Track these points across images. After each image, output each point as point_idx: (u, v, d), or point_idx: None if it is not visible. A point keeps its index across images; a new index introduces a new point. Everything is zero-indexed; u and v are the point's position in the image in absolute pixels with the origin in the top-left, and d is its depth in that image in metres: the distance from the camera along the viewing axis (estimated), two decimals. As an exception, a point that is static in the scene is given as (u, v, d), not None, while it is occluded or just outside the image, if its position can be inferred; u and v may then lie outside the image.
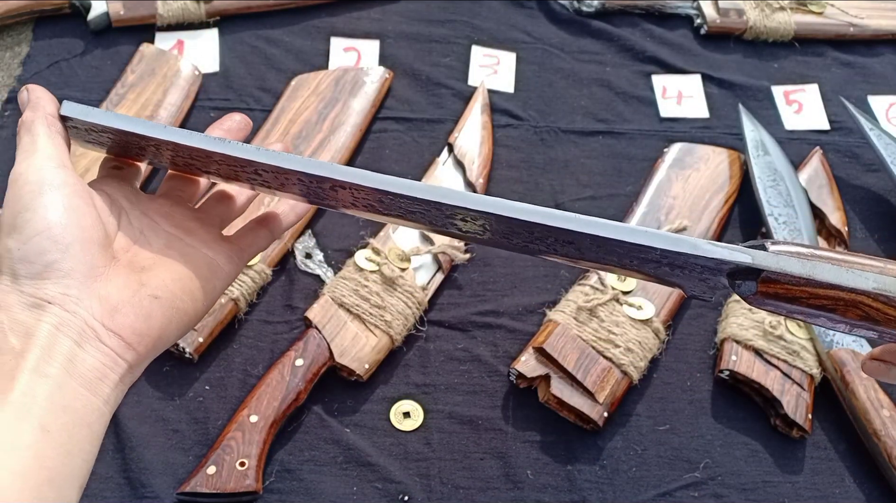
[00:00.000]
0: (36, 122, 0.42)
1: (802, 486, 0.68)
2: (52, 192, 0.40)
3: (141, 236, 0.45)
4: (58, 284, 0.39)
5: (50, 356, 0.38)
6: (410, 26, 0.98)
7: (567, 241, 0.42)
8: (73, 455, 0.37)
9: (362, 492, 0.64)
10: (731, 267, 0.41)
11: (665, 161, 0.85)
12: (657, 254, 0.41)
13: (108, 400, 0.40)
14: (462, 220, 0.42)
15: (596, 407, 0.67)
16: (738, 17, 1.01)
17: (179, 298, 0.43)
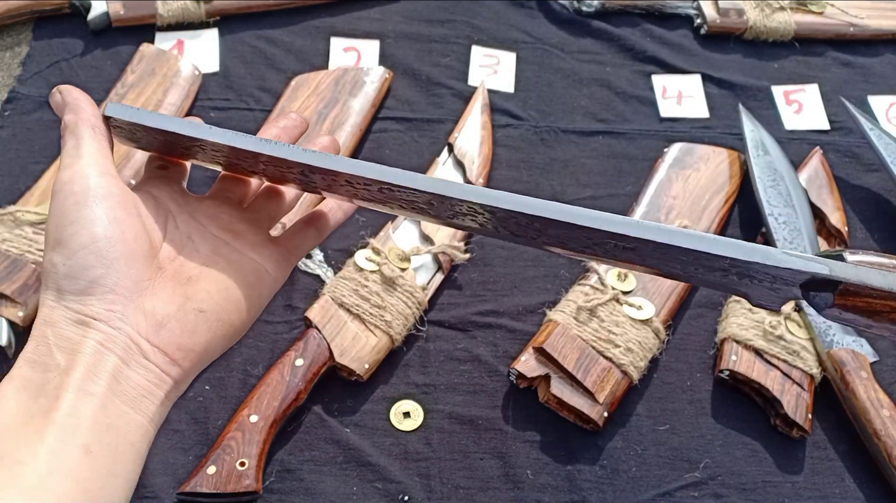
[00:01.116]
0: (80, 125, 0.41)
1: (802, 486, 0.68)
2: (96, 204, 0.39)
3: (188, 242, 0.44)
4: (102, 300, 0.38)
5: (95, 374, 0.37)
6: (410, 26, 0.98)
7: (628, 248, 0.40)
8: (117, 475, 0.37)
9: (362, 492, 0.64)
10: (805, 278, 0.38)
11: (665, 161, 0.85)
12: (726, 264, 0.38)
13: (153, 418, 0.39)
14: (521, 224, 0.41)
15: (596, 407, 0.67)
16: (738, 16, 1.01)
17: (225, 310, 0.43)
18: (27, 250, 0.69)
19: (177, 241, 0.44)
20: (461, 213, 0.42)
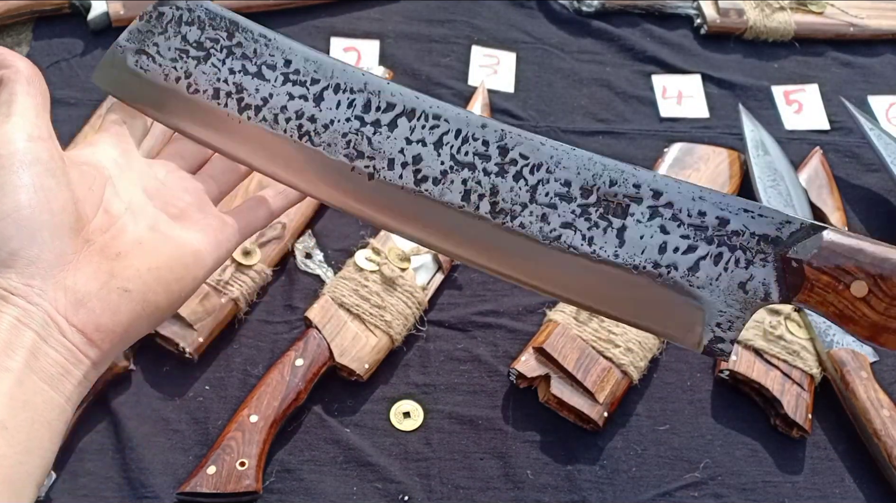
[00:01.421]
0: (14, 81, 0.40)
1: (802, 486, 0.68)
2: (23, 170, 0.37)
3: (125, 213, 0.42)
4: (22, 274, 0.37)
5: (12, 350, 0.36)
6: (410, 26, 0.98)
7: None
8: (32, 452, 0.36)
9: (362, 492, 0.64)
10: (795, 227, 0.39)
11: (665, 161, 0.85)
12: (715, 220, 0.39)
13: (70, 397, 0.38)
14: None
15: (596, 407, 0.67)
16: (738, 16, 1.01)
17: (153, 290, 0.41)
18: (27, 250, 0.69)
19: (112, 211, 0.41)
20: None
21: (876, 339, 0.38)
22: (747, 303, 0.39)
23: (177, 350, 0.67)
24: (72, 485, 0.62)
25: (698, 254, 0.40)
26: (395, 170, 0.44)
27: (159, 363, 0.69)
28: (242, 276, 0.71)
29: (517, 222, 0.42)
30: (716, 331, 0.40)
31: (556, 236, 0.42)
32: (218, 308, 0.69)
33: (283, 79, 0.46)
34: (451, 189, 0.43)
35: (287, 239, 0.75)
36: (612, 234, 0.41)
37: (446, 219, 0.44)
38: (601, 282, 0.42)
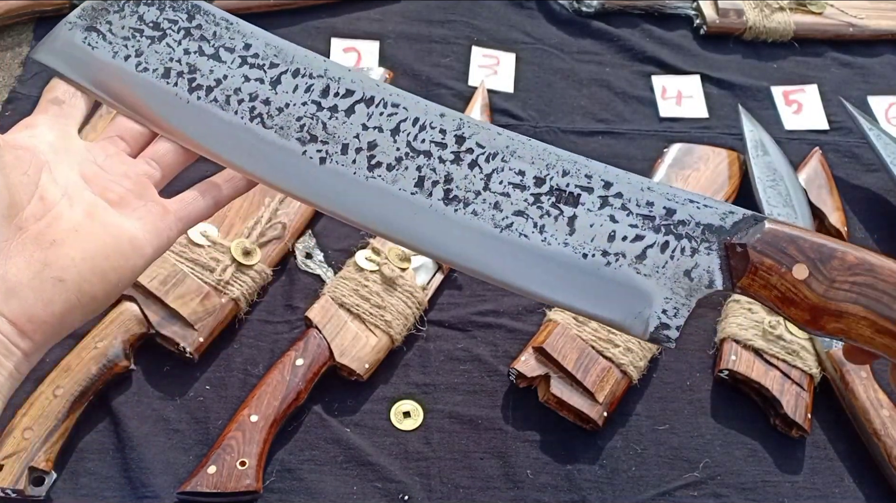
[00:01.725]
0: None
1: (802, 486, 0.68)
2: None
3: (62, 200, 0.41)
4: None
5: None
6: (410, 27, 0.98)
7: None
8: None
9: (362, 492, 0.64)
10: (738, 217, 0.40)
11: (665, 161, 0.85)
12: (662, 211, 0.40)
13: (0, 389, 0.37)
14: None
15: (595, 406, 0.67)
16: (738, 17, 1.01)
17: (88, 281, 0.40)
18: (28, 250, 0.69)
19: (48, 197, 0.40)
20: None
21: (816, 323, 0.39)
22: (692, 290, 0.41)
23: (177, 350, 0.67)
24: (72, 484, 0.62)
25: (646, 243, 0.41)
26: (349, 155, 0.44)
27: (160, 363, 0.69)
28: (243, 276, 0.71)
29: (470, 209, 0.43)
30: (662, 317, 0.41)
31: (509, 224, 0.42)
32: (218, 308, 0.69)
33: (241, 61, 0.46)
34: (405, 175, 0.43)
35: (287, 239, 0.75)
36: (563, 222, 0.42)
37: (397, 206, 0.44)
38: (551, 270, 0.42)
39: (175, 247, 0.70)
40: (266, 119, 0.45)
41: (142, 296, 0.67)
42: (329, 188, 0.44)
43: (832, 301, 0.38)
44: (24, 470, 0.59)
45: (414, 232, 0.44)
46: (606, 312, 0.42)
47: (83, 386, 0.63)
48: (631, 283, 0.41)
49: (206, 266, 0.70)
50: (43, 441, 0.60)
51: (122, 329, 0.66)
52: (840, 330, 0.39)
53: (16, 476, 0.58)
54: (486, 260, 0.43)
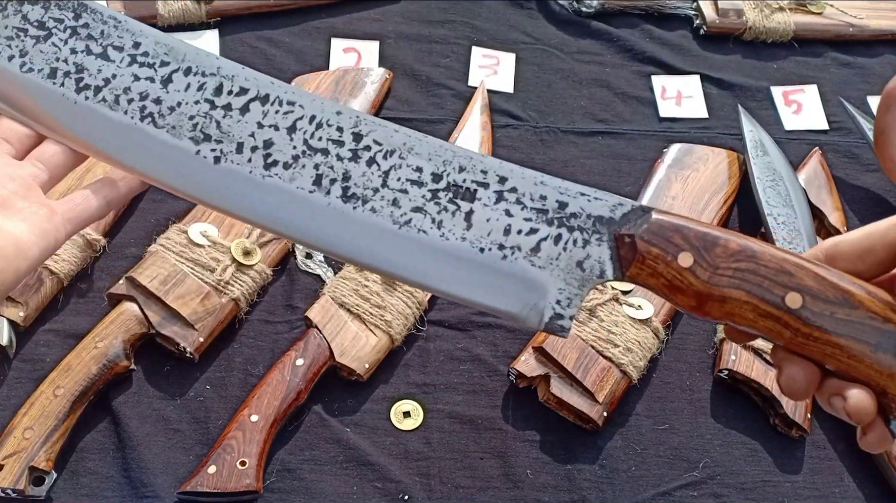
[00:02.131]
0: None
1: (801, 486, 0.68)
2: None
3: None
4: None
5: None
6: (410, 27, 0.98)
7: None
8: None
9: (362, 492, 0.64)
10: (626, 209, 0.42)
11: (664, 161, 0.86)
12: (555, 202, 0.42)
13: None
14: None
15: (595, 406, 0.67)
16: (738, 17, 1.02)
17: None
18: (28, 250, 0.69)
19: None
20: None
21: (701, 308, 0.40)
22: (584, 280, 0.42)
23: (177, 349, 0.68)
24: (73, 484, 0.62)
25: (540, 236, 0.42)
26: (244, 154, 0.44)
27: (160, 363, 0.69)
28: (243, 276, 0.71)
29: (368, 206, 0.43)
30: (556, 308, 0.42)
31: (407, 220, 0.43)
32: (218, 308, 0.69)
33: (130, 60, 0.45)
34: (303, 174, 0.43)
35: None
36: (461, 217, 0.43)
37: (294, 205, 0.43)
38: (449, 265, 0.43)
39: (175, 247, 0.70)
40: (157, 118, 0.44)
41: (142, 296, 0.67)
42: (224, 188, 0.44)
43: (716, 287, 0.40)
44: (24, 470, 0.59)
45: (312, 230, 0.43)
46: (503, 305, 0.43)
47: (83, 386, 0.63)
48: (526, 276, 0.42)
49: (206, 266, 0.70)
50: (43, 441, 0.60)
51: (123, 329, 0.66)
52: (725, 314, 0.40)
53: (16, 476, 0.59)
54: (386, 256, 0.43)
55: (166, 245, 0.70)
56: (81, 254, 0.72)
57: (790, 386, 0.40)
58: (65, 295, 0.71)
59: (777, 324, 0.39)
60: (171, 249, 0.70)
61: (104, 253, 0.74)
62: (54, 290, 0.70)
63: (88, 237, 0.72)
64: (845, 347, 0.38)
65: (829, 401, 0.39)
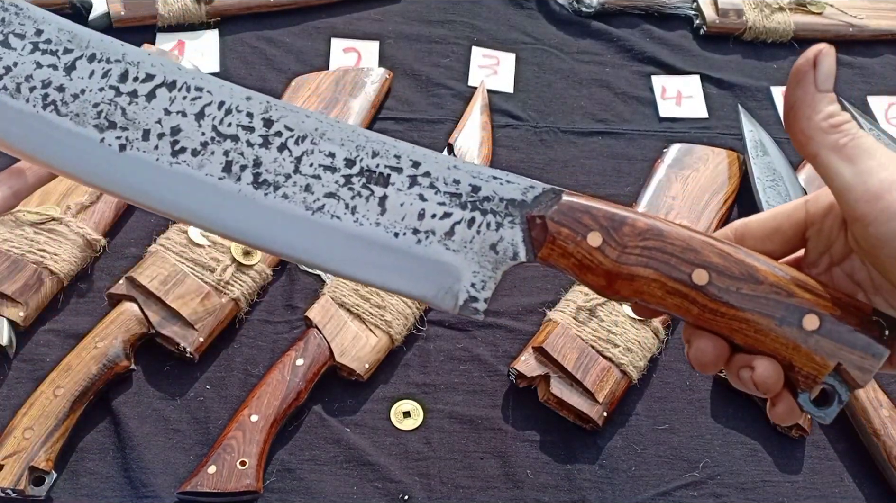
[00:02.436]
0: None
1: (801, 486, 0.68)
2: None
3: None
4: None
5: None
6: (410, 27, 0.98)
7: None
8: None
9: (362, 492, 0.64)
10: (538, 191, 0.42)
11: (664, 161, 0.86)
12: (468, 187, 0.42)
13: None
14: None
15: (595, 406, 0.67)
16: (738, 17, 1.02)
17: None
18: (28, 250, 0.69)
19: None
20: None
21: (611, 287, 0.41)
22: (498, 262, 0.42)
23: (177, 349, 0.68)
24: (73, 484, 0.62)
25: (453, 220, 0.42)
26: (151, 141, 0.43)
27: (160, 363, 0.69)
28: (243, 276, 0.71)
29: (280, 193, 0.43)
30: (471, 291, 0.42)
31: (320, 206, 0.43)
32: (218, 308, 0.69)
33: (32, 47, 0.44)
34: (212, 160, 0.43)
35: (287, 239, 0.75)
36: (374, 202, 0.43)
37: (203, 192, 0.43)
38: (364, 250, 0.43)
39: (175, 247, 0.70)
40: (60, 106, 0.43)
41: (142, 296, 0.67)
42: (130, 176, 0.43)
43: (625, 265, 0.40)
44: (24, 470, 0.59)
45: (222, 218, 0.43)
46: (418, 289, 0.43)
47: (83, 385, 0.63)
48: (441, 259, 0.42)
49: (206, 266, 0.70)
50: (43, 441, 0.60)
51: (123, 329, 0.66)
52: (634, 292, 0.41)
53: (16, 476, 0.59)
54: (299, 243, 0.43)
55: (166, 245, 0.70)
56: (81, 254, 0.72)
57: (699, 359, 0.40)
58: (65, 295, 0.71)
59: (685, 300, 0.40)
60: (171, 249, 0.70)
61: (104, 253, 0.74)
62: (54, 290, 0.70)
63: (88, 237, 0.72)
64: (751, 321, 0.39)
65: (738, 375, 0.40)
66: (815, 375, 0.38)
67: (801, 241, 0.43)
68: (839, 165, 0.37)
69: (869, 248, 0.37)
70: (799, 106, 0.39)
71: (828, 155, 0.38)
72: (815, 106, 0.38)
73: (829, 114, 0.38)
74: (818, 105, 0.38)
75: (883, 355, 0.38)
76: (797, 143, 0.39)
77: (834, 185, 0.38)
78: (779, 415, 0.40)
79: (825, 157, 0.38)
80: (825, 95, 0.38)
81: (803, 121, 0.39)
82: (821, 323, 0.38)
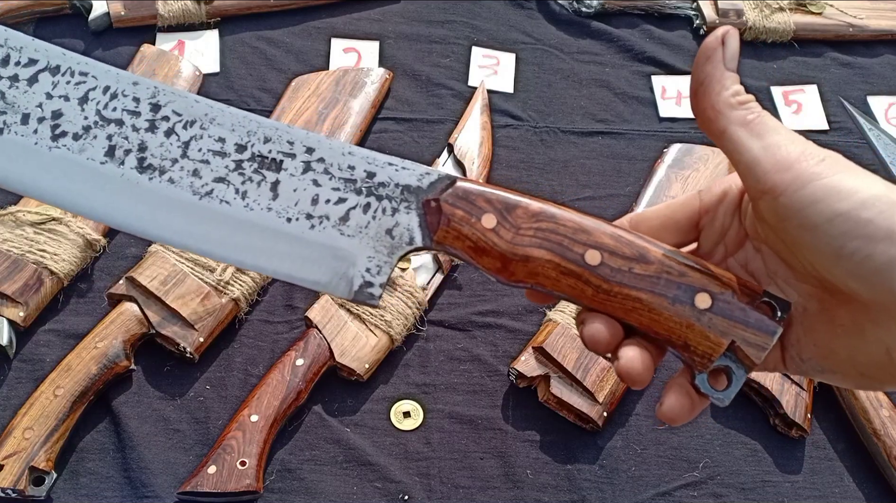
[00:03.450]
0: None
1: (801, 486, 0.68)
2: None
3: None
4: None
5: None
6: (410, 27, 0.98)
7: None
8: None
9: (362, 492, 0.64)
10: (434, 178, 0.42)
11: (664, 161, 0.86)
12: (363, 174, 0.42)
13: None
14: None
15: (595, 406, 0.67)
16: (737, 17, 1.02)
17: None
18: (28, 250, 0.69)
19: None
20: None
21: (506, 269, 0.41)
22: (394, 247, 0.42)
23: (177, 350, 0.68)
24: (73, 484, 0.62)
25: (348, 205, 0.42)
26: (30, 125, 0.43)
27: (160, 363, 0.69)
28: (243, 276, 0.71)
29: (166, 177, 0.42)
30: (365, 276, 0.42)
31: (209, 191, 0.42)
32: (219, 308, 0.69)
33: None
34: (94, 145, 0.42)
35: (287, 239, 0.75)
36: (266, 187, 0.42)
37: (84, 177, 0.42)
38: (255, 236, 0.42)
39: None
40: None
41: (142, 296, 0.67)
42: (7, 160, 0.43)
43: (519, 247, 0.40)
44: (24, 470, 0.59)
45: (105, 204, 0.42)
46: (311, 275, 0.42)
47: (83, 386, 0.63)
48: (335, 245, 0.42)
49: (206, 266, 0.70)
50: (43, 441, 0.60)
51: (123, 329, 0.66)
52: (529, 274, 0.41)
53: (16, 476, 0.59)
54: (186, 228, 0.42)
55: (166, 245, 0.70)
56: (81, 254, 0.72)
57: (593, 339, 0.40)
58: (65, 295, 0.71)
59: (579, 281, 0.40)
60: (171, 249, 0.70)
61: (104, 253, 0.74)
62: (54, 290, 0.70)
63: (88, 237, 0.72)
64: (644, 301, 0.39)
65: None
66: (710, 354, 0.39)
67: (695, 231, 0.44)
68: (747, 139, 0.38)
69: (777, 222, 0.38)
70: (709, 82, 0.39)
71: (736, 130, 0.38)
72: (723, 82, 0.39)
73: (736, 91, 0.39)
74: (726, 82, 0.39)
75: (776, 332, 0.38)
76: (705, 119, 0.40)
77: (742, 159, 0.38)
78: (670, 408, 0.40)
79: (733, 131, 0.38)
80: (731, 74, 0.39)
81: (713, 96, 0.39)
82: (713, 301, 0.39)
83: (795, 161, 0.37)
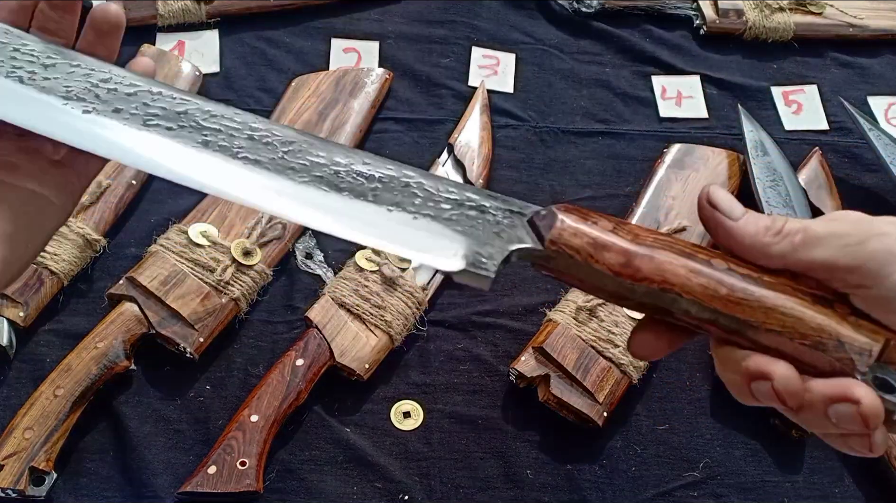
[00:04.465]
0: None
1: (802, 486, 0.68)
2: None
3: None
4: None
5: None
6: (410, 27, 0.98)
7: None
8: None
9: (362, 492, 0.64)
10: (536, 208, 0.41)
11: (664, 161, 0.86)
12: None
13: None
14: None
15: (595, 406, 0.67)
16: (738, 17, 1.02)
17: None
18: (28, 250, 0.69)
19: None
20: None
21: (631, 265, 0.39)
22: (506, 242, 0.42)
23: (177, 350, 0.68)
24: (73, 484, 0.62)
25: (456, 212, 0.43)
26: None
27: (160, 363, 0.69)
28: (243, 276, 0.71)
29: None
30: (477, 257, 0.42)
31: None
32: (219, 308, 0.69)
33: None
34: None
35: (287, 239, 0.76)
36: (367, 189, 0.47)
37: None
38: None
39: (175, 247, 0.70)
40: None
41: (142, 297, 0.67)
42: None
43: (642, 245, 0.39)
44: (24, 470, 0.59)
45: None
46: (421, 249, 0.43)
47: (84, 386, 0.63)
48: (443, 233, 0.42)
49: (206, 266, 0.70)
50: (43, 441, 0.60)
51: (123, 329, 0.66)
52: (656, 269, 0.39)
53: (16, 476, 0.59)
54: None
55: (166, 245, 0.70)
56: (81, 254, 0.72)
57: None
58: (65, 295, 0.71)
59: (711, 280, 0.38)
60: (171, 249, 0.70)
61: (104, 253, 0.74)
62: (54, 290, 0.70)
63: (88, 237, 0.72)
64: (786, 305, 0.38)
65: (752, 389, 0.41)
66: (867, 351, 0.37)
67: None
68: (811, 253, 0.37)
69: (885, 304, 0.37)
70: (739, 245, 0.38)
71: (796, 255, 0.38)
72: (744, 232, 0.38)
73: (763, 229, 0.38)
74: (748, 231, 0.38)
75: None
76: (771, 268, 0.38)
77: (820, 268, 0.38)
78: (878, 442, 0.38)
79: (797, 259, 0.38)
80: (744, 218, 0.38)
81: (758, 253, 0.38)
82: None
83: (873, 254, 0.37)
